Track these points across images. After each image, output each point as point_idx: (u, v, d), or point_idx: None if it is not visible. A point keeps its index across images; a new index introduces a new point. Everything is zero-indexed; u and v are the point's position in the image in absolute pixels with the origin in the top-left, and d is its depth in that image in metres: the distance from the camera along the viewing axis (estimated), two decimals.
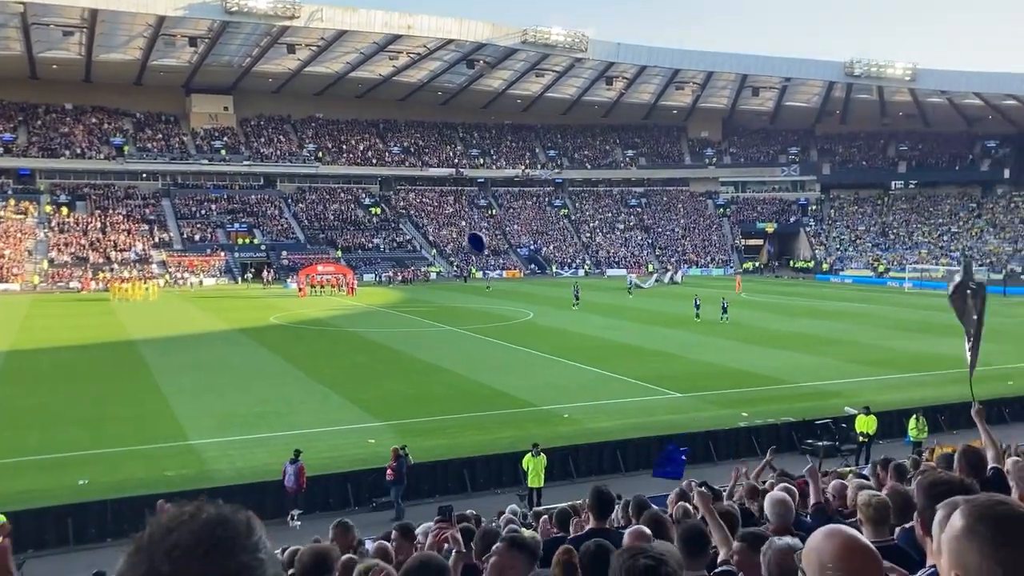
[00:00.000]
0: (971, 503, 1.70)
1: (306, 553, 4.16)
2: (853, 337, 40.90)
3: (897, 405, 25.74)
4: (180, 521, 1.37)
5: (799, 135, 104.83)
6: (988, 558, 1.57)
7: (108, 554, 16.32)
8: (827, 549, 2.04)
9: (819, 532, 2.15)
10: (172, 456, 21.15)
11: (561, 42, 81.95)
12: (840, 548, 2.03)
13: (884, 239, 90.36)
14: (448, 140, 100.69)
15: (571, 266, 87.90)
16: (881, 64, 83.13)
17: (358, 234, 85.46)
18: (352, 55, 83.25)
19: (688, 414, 25.41)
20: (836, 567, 2.01)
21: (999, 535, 1.58)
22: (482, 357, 35.38)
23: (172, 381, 30.05)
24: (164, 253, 75.54)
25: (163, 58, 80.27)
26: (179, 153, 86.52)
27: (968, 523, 1.63)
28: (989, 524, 1.61)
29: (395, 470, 18.66)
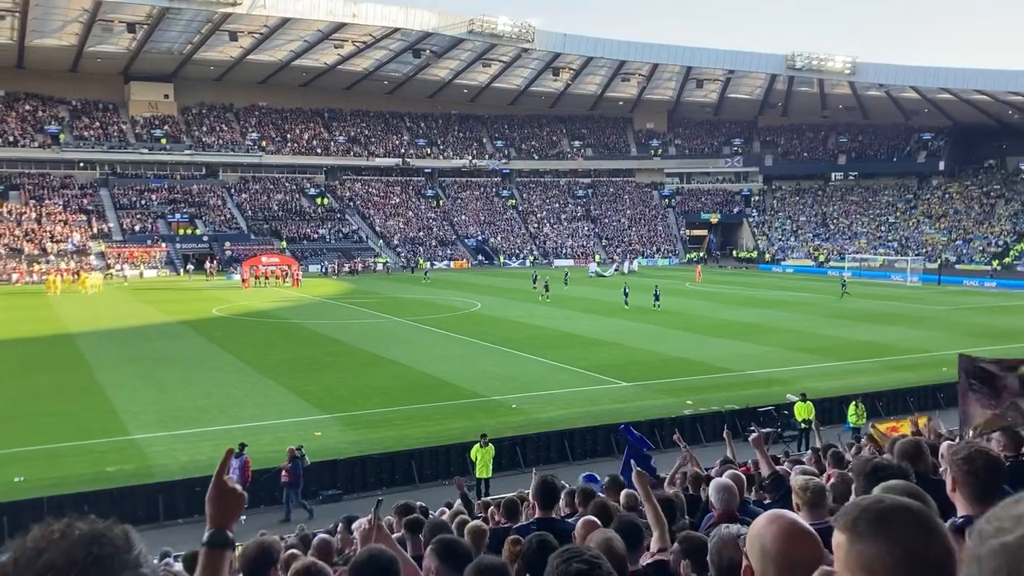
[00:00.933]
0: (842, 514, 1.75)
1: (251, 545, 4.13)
2: (795, 325, 41.73)
3: (837, 392, 26.36)
4: (50, 540, 1.23)
5: (742, 127, 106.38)
6: (881, 543, 1.62)
7: None
8: (769, 533, 2.07)
9: (761, 517, 2.19)
10: (113, 451, 20.73)
11: (507, 32, 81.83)
12: (781, 531, 2.07)
13: (824, 229, 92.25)
14: (394, 130, 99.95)
15: (519, 257, 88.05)
16: (821, 57, 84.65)
17: (303, 225, 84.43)
18: (296, 43, 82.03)
19: (634, 403, 25.69)
20: (778, 551, 2.04)
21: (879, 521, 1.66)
22: (430, 348, 35.29)
23: (112, 375, 29.41)
24: (103, 244, 73.70)
25: (100, 44, 78.08)
26: (118, 142, 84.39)
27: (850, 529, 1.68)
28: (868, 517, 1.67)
29: (290, 472, 18.01)
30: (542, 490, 6.16)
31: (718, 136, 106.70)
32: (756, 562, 2.07)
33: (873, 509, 1.69)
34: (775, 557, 2.03)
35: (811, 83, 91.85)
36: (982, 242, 79.82)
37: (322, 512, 17.80)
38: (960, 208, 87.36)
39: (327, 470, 19.51)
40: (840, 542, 1.71)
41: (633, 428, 16.40)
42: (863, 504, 1.72)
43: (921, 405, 26.02)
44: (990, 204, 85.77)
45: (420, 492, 17.67)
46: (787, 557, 2.01)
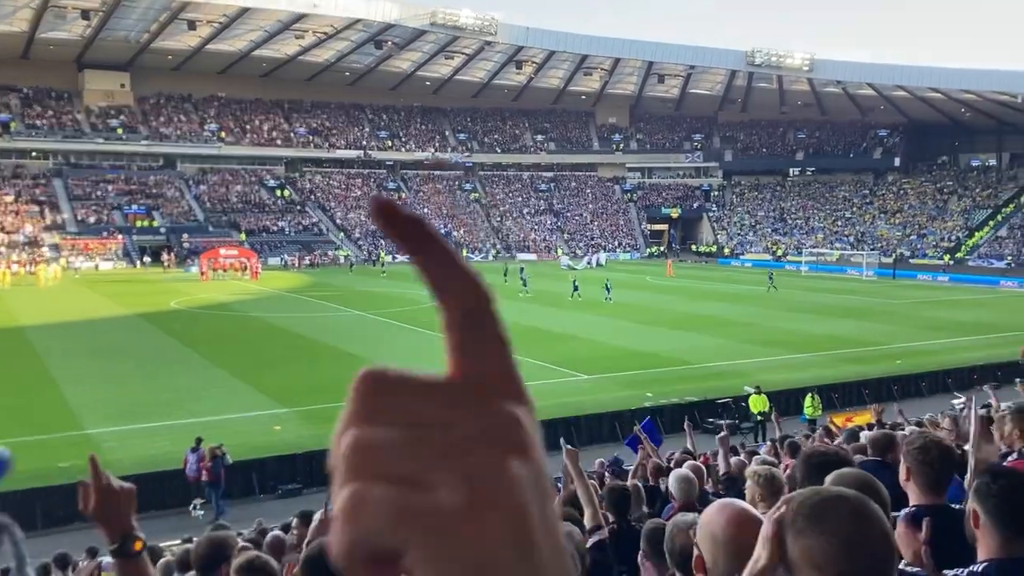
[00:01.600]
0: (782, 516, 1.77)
1: (203, 541, 4.06)
2: (753, 319, 42.23)
3: (793, 384, 26.75)
4: None
5: (703, 122, 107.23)
6: (820, 536, 1.66)
7: None
8: (719, 521, 2.09)
9: (712, 507, 2.20)
10: (66, 446, 20.33)
11: (470, 25, 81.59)
12: (731, 519, 2.09)
13: (782, 224, 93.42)
14: (356, 122, 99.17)
15: (482, 251, 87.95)
16: (781, 54, 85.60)
17: (262, 217, 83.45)
18: (256, 33, 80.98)
19: (594, 396, 25.83)
20: (728, 538, 2.06)
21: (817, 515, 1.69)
22: (391, 342, 35.15)
23: (65, 369, 28.86)
24: (57, 236, 72.19)
25: (53, 31, 76.29)
26: (72, 131, 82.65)
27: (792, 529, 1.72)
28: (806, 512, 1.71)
29: (210, 471, 17.70)
30: None
31: (679, 131, 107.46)
32: (707, 550, 2.09)
33: (808, 503, 1.73)
34: (725, 544, 2.05)
35: (770, 79, 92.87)
36: (935, 237, 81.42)
37: (282, 507, 17.64)
38: (914, 204, 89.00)
39: (286, 464, 19.36)
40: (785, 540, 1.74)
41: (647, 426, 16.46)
42: (799, 499, 1.75)
43: (876, 397, 26.48)
44: (943, 200, 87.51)
45: None
46: (737, 543, 2.03)
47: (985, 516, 2.52)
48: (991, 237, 77.61)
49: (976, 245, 77.30)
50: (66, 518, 16.54)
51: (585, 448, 20.94)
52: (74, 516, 16.85)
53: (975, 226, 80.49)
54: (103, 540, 2.37)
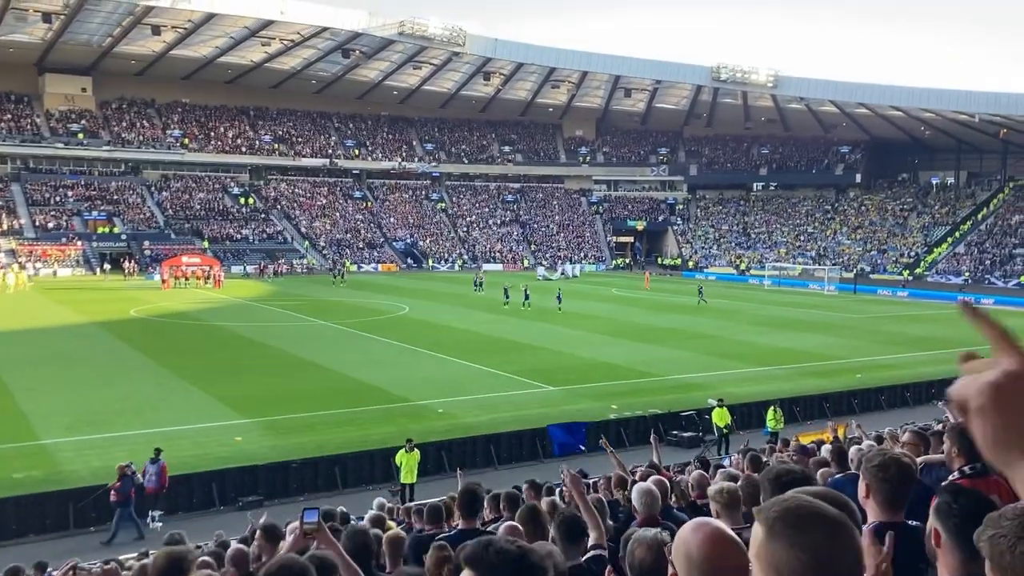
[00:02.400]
0: (763, 509, 1.80)
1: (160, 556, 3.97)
2: (716, 332, 42.56)
3: (756, 397, 26.96)
4: None
5: (668, 136, 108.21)
6: (792, 548, 1.66)
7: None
8: (694, 540, 2.08)
9: (687, 526, 2.19)
10: (20, 457, 19.91)
11: (438, 35, 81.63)
12: (707, 538, 2.08)
13: (746, 238, 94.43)
14: (322, 130, 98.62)
15: (448, 260, 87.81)
16: (745, 70, 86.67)
17: (226, 224, 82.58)
18: (221, 39, 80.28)
19: (560, 407, 25.83)
20: (703, 557, 2.05)
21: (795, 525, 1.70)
22: (355, 352, 34.90)
23: (20, 377, 28.27)
24: (14, 241, 70.78)
25: (13, 33, 74.99)
26: (31, 135, 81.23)
27: (767, 526, 1.73)
28: (786, 519, 1.72)
29: (119, 491, 16.70)
30: (464, 499, 6.12)
31: (645, 145, 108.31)
32: (681, 569, 2.07)
33: (793, 512, 1.73)
34: (700, 563, 2.04)
35: (735, 95, 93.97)
36: (895, 253, 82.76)
37: (241, 519, 17.38)
38: (875, 220, 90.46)
39: (248, 475, 19.10)
40: (756, 534, 1.76)
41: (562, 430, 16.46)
42: (785, 504, 1.76)
43: (836, 411, 26.84)
44: (903, 216, 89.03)
45: (343, 498, 17.42)
46: (712, 564, 2.02)
47: (947, 535, 2.53)
48: (949, 253, 79.08)
49: (935, 261, 78.70)
50: (20, 530, 16.16)
51: (550, 461, 20.98)
52: (30, 527, 16.49)
53: (934, 242, 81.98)
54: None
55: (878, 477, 3.40)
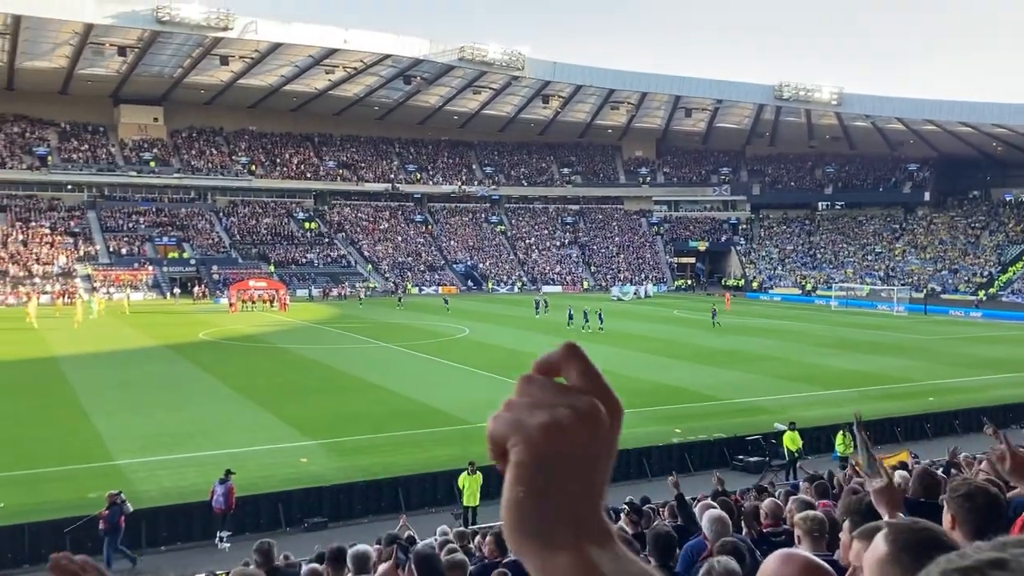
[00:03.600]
0: (893, 528, 1.74)
1: None
2: (782, 353, 41.78)
3: (824, 421, 26.31)
4: None
5: (730, 156, 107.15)
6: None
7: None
8: (786, 573, 2.04)
9: (773, 557, 2.14)
10: (95, 477, 20.44)
11: (498, 60, 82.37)
12: (800, 570, 2.03)
13: (811, 258, 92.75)
14: (384, 155, 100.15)
15: (507, 282, 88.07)
16: (809, 88, 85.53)
17: (291, 249, 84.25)
18: (287, 68, 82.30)
19: (622, 431, 25.53)
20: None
21: (920, 562, 1.65)
22: (417, 374, 35.13)
23: (96, 399, 29.11)
24: (89, 267, 73.28)
25: (91, 67, 78.10)
26: (106, 164, 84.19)
27: (892, 550, 1.68)
28: (912, 551, 1.66)
29: (107, 519, 16.32)
30: None
31: (706, 164, 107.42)
32: None
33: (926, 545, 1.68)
34: None
35: (798, 113, 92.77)
36: (967, 272, 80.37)
37: (307, 540, 17.57)
38: (945, 238, 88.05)
39: (313, 497, 19.31)
40: (878, 549, 1.72)
41: None
42: (920, 535, 1.71)
43: (908, 435, 26.07)
44: (975, 235, 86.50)
45: (407, 520, 17.46)
46: None
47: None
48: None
49: (1009, 281, 76.20)
50: (96, 549, 16.56)
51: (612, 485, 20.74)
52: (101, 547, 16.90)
53: (1008, 261, 79.42)
54: None
55: (964, 507, 3.29)
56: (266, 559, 7.06)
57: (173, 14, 68.13)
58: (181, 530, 17.72)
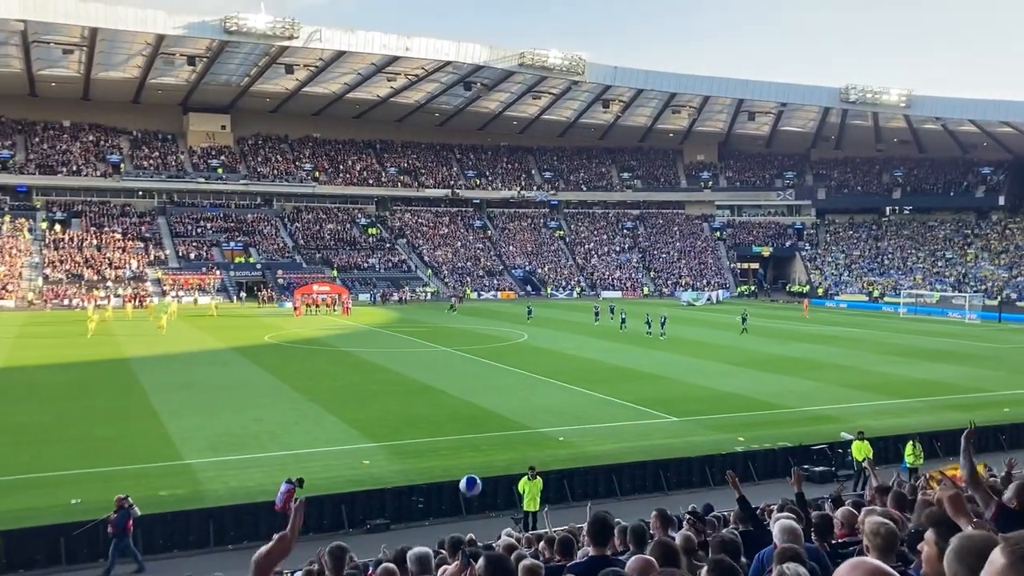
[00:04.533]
0: (1011, 541, 1.74)
1: None
2: (849, 362, 40.89)
3: (893, 431, 25.68)
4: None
5: (795, 159, 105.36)
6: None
7: (99, 574, 16.18)
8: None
9: (846, 565, 2.12)
10: (165, 476, 20.99)
11: (558, 65, 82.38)
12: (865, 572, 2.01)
13: (879, 264, 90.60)
14: (445, 161, 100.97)
15: (566, 288, 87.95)
16: (876, 90, 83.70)
17: (354, 253, 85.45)
18: (350, 76, 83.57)
19: (684, 438, 25.31)
20: None
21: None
22: (477, 378, 35.28)
23: (166, 400, 29.90)
24: (159, 271, 75.38)
25: (161, 76, 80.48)
26: (176, 171, 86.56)
27: (1011, 560, 1.68)
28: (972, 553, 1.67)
29: (115, 523, 16.21)
30: (595, 527, 6.05)
31: (770, 168, 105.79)
32: None
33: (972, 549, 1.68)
34: None
35: (865, 116, 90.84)
36: None
37: (368, 541, 17.76)
38: (1022, 244, 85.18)
39: (375, 499, 19.50)
40: (995, 561, 1.73)
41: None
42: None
43: (982, 447, 25.22)
44: None
45: (467, 524, 17.55)
46: None
47: None
48: None
49: None
50: (166, 545, 17.00)
51: (674, 493, 20.56)
52: (174, 543, 17.33)
53: None
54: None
55: None
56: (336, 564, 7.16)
57: (240, 24, 69.77)
58: (247, 529, 18.06)
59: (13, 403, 29.30)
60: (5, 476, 20.69)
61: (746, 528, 8.64)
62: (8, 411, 27.94)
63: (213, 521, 17.80)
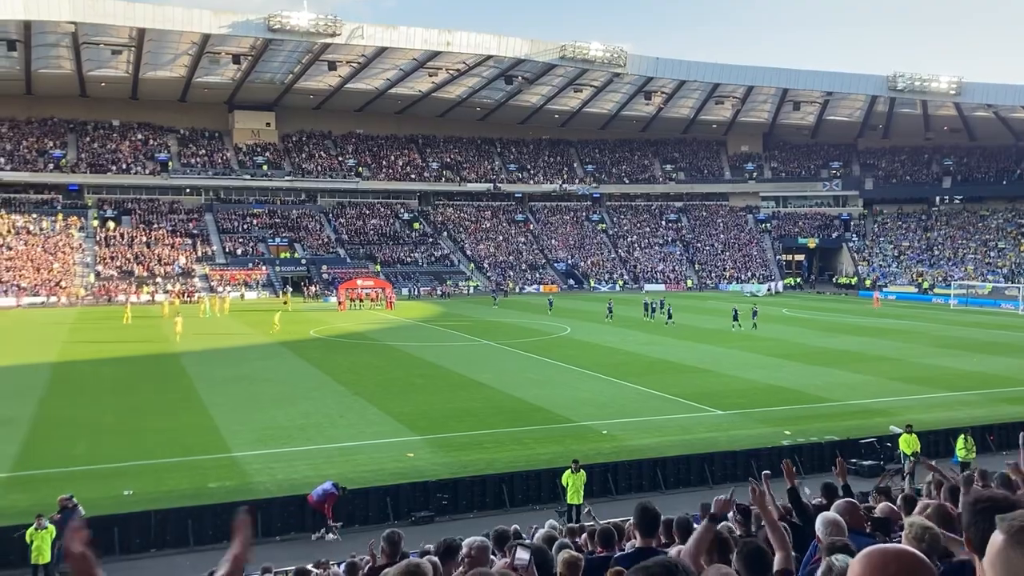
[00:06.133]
0: (1008, 518, 1.79)
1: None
2: (898, 354, 40.19)
3: (944, 424, 25.21)
4: None
5: (841, 149, 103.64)
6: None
7: (151, 564, 16.54)
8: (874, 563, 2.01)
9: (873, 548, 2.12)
10: (215, 468, 21.36)
11: (599, 57, 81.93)
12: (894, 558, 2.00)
13: (929, 255, 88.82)
14: (486, 155, 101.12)
15: (608, 281, 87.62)
16: (925, 78, 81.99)
17: (397, 248, 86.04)
18: (392, 72, 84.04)
19: (728, 432, 25.10)
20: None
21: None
22: (520, 372, 35.33)
23: (214, 394, 30.42)
24: (207, 267, 76.66)
25: (207, 75, 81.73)
26: (222, 168, 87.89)
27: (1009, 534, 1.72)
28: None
29: (58, 524, 15.33)
30: (644, 517, 6.02)
31: (816, 159, 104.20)
32: None
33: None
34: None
35: (914, 104, 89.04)
36: None
37: (414, 534, 17.90)
38: None
39: (420, 491, 19.65)
40: (995, 542, 1.77)
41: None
42: None
43: None
44: None
45: (511, 516, 17.60)
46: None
47: None
48: None
49: None
50: (216, 537, 17.31)
51: (719, 486, 20.39)
52: (223, 535, 17.62)
53: None
54: None
55: None
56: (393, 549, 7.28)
57: (284, 22, 70.52)
58: (294, 521, 18.32)
59: (67, 397, 30.05)
60: (61, 468, 21.23)
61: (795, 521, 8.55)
62: (62, 405, 28.66)
63: (261, 513, 18.08)
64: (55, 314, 59.48)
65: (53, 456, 22.19)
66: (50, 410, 27.78)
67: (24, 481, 20.31)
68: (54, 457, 22.09)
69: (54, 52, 74.07)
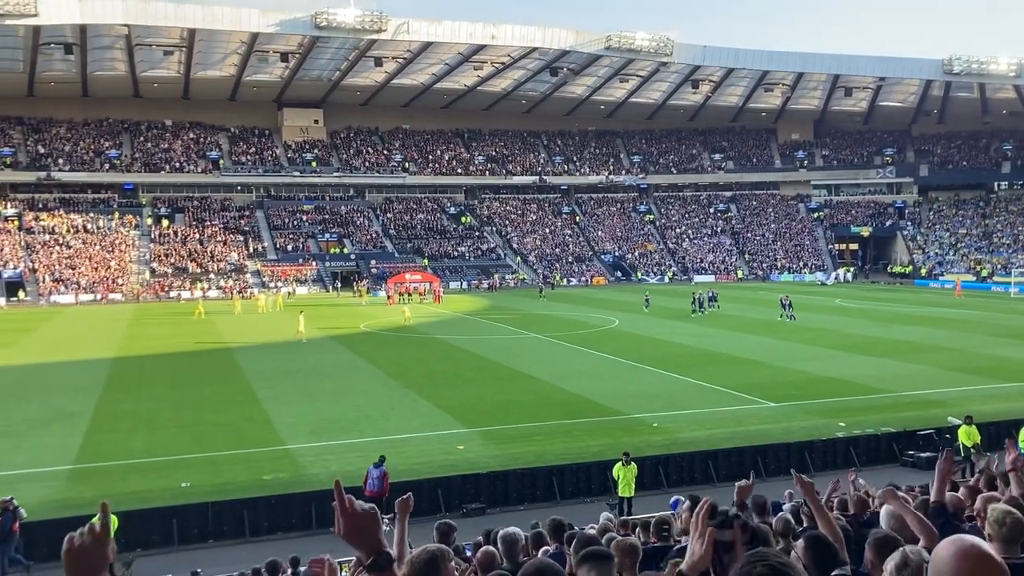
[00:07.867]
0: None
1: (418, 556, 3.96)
2: (956, 344, 39.27)
3: (1006, 416, 24.54)
4: None
5: (895, 136, 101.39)
6: None
7: (209, 554, 16.86)
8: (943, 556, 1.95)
9: (944, 541, 2.05)
10: (269, 460, 21.70)
11: (645, 47, 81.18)
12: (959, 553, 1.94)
13: (987, 242, 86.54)
14: (532, 148, 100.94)
15: (656, 273, 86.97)
16: (983, 60, 79.77)
17: (444, 242, 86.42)
18: (437, 66, 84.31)
19: (782, 424, 24.76)
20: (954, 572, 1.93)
21: None
22: (568, 364, 35.26)
23: (268, 387, 30.88)
24: (258, 263, 77.84)
25: (256, 74, 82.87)
26: (272, 166, 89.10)
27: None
28: None
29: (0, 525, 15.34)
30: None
31: (868, 146, 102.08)
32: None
33: None
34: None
35: (971, 88, 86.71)
36: None
37: (465, 526, 17.97)
38: None
39: (470, 483, 19.73)
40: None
41: None
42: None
43: None
44: None
45: (561, 508, 17.58)
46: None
47: None
48: None
49: None
50: (271, 528, 17.57)
51: (771, 479, 20.15)
52: (278, 526, 17.89)
53: None
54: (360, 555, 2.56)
55: None
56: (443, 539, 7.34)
57: (330, 19, 71.15)
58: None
59: (125, 391, 30.75)
60: (121, 460, 21.75)
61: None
62: (121, 399, 29.34)
63: (315, 504, 18.30)
64: (112, 310, 60.91)
65: (113, 449, 22.74)
66: (110, 404, 28.46)
67: (87, 473, 20.86)
68: (114, 450, 22.64)
69: (109, 54, 75.73)
